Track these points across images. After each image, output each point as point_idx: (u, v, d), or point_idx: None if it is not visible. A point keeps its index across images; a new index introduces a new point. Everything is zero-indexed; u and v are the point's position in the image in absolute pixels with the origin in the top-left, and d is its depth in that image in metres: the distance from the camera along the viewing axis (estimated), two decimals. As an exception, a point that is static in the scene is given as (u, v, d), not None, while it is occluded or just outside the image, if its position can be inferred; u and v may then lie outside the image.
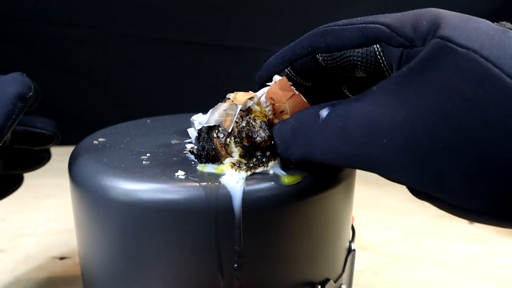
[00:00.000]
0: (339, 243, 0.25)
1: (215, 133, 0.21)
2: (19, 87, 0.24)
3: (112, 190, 0.21)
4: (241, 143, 0.21)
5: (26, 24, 0.70)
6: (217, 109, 0.21)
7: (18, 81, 0.24)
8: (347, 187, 0.24)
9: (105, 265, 0.23)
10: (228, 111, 0.21)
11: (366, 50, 0.19)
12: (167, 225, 0.20)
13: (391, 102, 0.17)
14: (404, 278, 0.36)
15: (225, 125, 0.21)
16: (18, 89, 0.23)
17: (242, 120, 0.21)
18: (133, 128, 0.30)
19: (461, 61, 0.15)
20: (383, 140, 0.17)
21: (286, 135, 0.21)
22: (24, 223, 0.44)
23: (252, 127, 0.21)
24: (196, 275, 0.20)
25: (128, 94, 0.77)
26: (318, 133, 0.19)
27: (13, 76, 0.24)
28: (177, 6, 0.74)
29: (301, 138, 0.20)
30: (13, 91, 0.23)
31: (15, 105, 0.23)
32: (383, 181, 0.19)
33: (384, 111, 0.17)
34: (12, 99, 0.23)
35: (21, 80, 0.24)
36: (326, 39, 0.20)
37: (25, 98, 0.24)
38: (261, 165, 0.21)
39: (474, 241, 0.43)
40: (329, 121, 0.19)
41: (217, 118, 0.21)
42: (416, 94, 0.16)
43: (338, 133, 0.18)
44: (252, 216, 0.20)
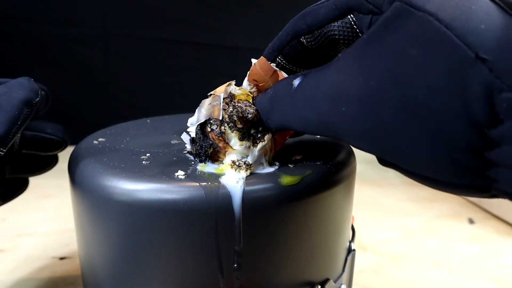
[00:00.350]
0: (339, 243, 0.25)
1: (208, 127, 0.22)
2: (25, 92, 0.23)
3: (112, 190, 0.21)
4: (236, 127, 0.22)
5: (27, 24, 0.70)
6: (202, 105, 0.22)
7: (25, 86, 0.23)
8: (347, 187, 0.24)
9: (105, 265, 0.23)
10: (213, 103, 0.22)
11: (342, 23, 0.19)
12: (167, 225, 0.20)
13: (351, 69, 0.17)
14: (404, 278, 0.36)
15: (215, 115, 0.22)
16: (25, 95, 0.23)
17: (229, 106, 0.22)
18: (133, 128, 0.30)
19: (415, 24, 0.15)
20: (342, 108, 0.17)
21: (265, 105, 0.22)
22: (24, 223, 0.44)
23: (239, 108, 0.22)
24: (196, 275, 0.20)
25: (128, 94, 0.77)
26: (291, 102, 0.20)
27: (20, 81, 0.24)
28: (178, 7, 0.74)
29: (277, 107, 0.21)
30: (20, 96, 0.23)
31: (20, 111, 0.23)
32: (383, 181, 0.19)
33: (345, 78, 0.17)
34: (18, 105, 0.23)
35: (28, 85, 0.24)
36: (306, 20, 0.21)
37: (32, 104, 0.23)
38: (259, 141, 0.22)
39: (474, 241, 0.43)
40: (300, 90, 0.20)
41: (205, 113, 0.22)
42: (372, 60, 0.16)
43: (307, 102, 0.19)
44: (252, 216, 0.20)
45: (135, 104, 0.76)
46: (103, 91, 0.76)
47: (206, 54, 0.77)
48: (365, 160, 0.69)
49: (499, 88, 0.13)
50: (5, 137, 0.22)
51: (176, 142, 0.27)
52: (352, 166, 0.25)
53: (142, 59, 0.76)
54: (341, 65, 0.18)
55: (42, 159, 0.31)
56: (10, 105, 0.22)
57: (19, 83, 0.24)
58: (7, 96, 0.23)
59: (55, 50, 0.72)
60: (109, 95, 0.76)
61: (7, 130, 0.22)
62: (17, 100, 0.23)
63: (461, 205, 0.53)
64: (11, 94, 0.23)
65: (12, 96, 0.23)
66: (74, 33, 0.72)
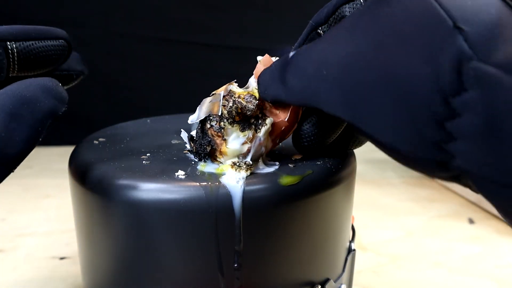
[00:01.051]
0: (339, 243, 0.25)
1: (208, 124, 0.22)
2: (51, 102, 0.18)
3: (112, 190, 0.21)
4: (234, 121, 0.22)
5: (29, 24, 0.70)
6: (203, 104, 0.22)
7: (51, 93, 0.19)
8: (347, 187, 0.24)
9: (105, 265, 0.23)
10: (213, 101, 0.22)
11: (353, 4, 0.20)
12: (167, 225, 0.20)
13: (341, 38, 0.18)
14: (404, 278, 0.36)
15: (214, 111, 0.22)
16: (51, 106, 0.18)
17: (228, 102, 0.22)
18: (133, 128, 0.30)
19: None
20: (323, 71, 0.18)
21: (265, 78, 0.22)
22: (24, 223, 0.44)
23: (239, 103, 0.22)
24: (196, 275, 0.20)
25: (128, 93, 0.77)
26: (283, 72, 0.20)
27: (46, 84, 0.19)
28: (178, 7, 0.74)
29: (274, 79, 0.21)
30: (45, 107, 0.18)
31: (44, 126, 0.18)
32: (383, 181, 0.19)
33: (334, 47, 0.18)
34: (43, 119, 0.18)
35: (55, 91, 0.19)
36: (323, 11, 0.21)
37: (58, 115, 0.19)
38: (261, 126, 0.22)
39: (474, 241, 0.43)
40: (292, 59, 0.20)
41: (205, 110, 0.22)
42: (362, 31, 0.17)
43: (295, 69, 0.19)
44: (252, 216, 0.20)
45: (136, 103, 0.76)
46: (103, 91, 0.76)
47: (206, 54, 0.77)
48: (365, 160, 0.69)
49: (469, 57, 0.14)
50: (21, 157, 0.18)
51: (176, 142, 0.27)
52: (352, 166, 0.25)
53: (142, 59, 0.76)
54: (333, 35, 0.18)
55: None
56: (33, 118, 0.18)
57: (45, 87, 0.19)
58: (30, 105, 0.18)
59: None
60: (110, 95, 0.76)
61: (25, 150, 0.18)
62: (42, 112, 0.18)
63: (461, 205, 0.53)
64: (35, 104, 0.18)
65: (36, 107, 0.18)
66: (75, 33, 0.72)
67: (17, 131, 0.17)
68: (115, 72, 0.76)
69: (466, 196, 0.54)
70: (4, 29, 0.21)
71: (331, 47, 0.18)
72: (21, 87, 0.18)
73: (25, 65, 0.22)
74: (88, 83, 0.81)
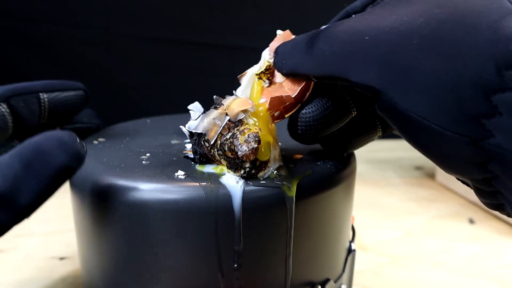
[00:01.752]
0: (339, 243, 0.25)
1: (202, 140, 0.21)
2: (66, 158, 0.18)
3: (112, 190, 0.21)
4: (224, 155, 0.20)
5: (30, 24, 0.70)
6: (207, 116, 0.21)
7: (67, 148, 0.18)
8: (347, 187, 0.24)
9: (105, 265, 0.23)
10: (216, 121, 0.20)
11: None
12: (166, 225, 0.20)
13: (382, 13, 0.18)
14: (404, 278, 0.36)
15: (210, 136, 0.20)
16: (65, 162, 0.18)
17: (229, 131, 0.20)
18: (133, 128, 0.30)
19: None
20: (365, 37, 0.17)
21: (286, 49, 0.21)
22: (24, 223, 0.44)
23: (236, 139, 0.20)
24: (196, 275, 0.20)
25: (128, 93, 0.77)
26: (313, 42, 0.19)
27: (62, 138, 0.18)
28: (179, 7, 0.74)
29: (299, 49, 0.20)
30: (58, 163, 0.18)
31: (56, 182, 0.18)
32: (384, 182, 0.19)
33: (374, 18, 0.18)
34: (55, 174, 0.18)
35: (71, 147, 0.18)
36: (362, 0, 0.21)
37: (72, 172, 0.18)
38: (250, 176, 0.20)
39: (475, 242, 0.43)
40: (327, 30, 0.19)
41: (205, 126, 0.21)
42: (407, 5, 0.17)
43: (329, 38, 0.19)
44: (252, 216, 0.20)
45: (136, 103, 0.76)
46: (104, 91, 0.76)
47: (206, 54, 0.77)
48: (365, 160, 0.69)
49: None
50: (32, 207, 0.18)
51: (176, 142, 0.27)
52: (352, 166, 0.25)
53: (142, 59, 0.76)
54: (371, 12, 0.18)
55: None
56: (45, 173, 0.18)
57: (62, 142, 0.18)
58: (43, 158, 0.18)
59: (58, 50, 0.72)
60: (110, 95, 0.76)
61: (36, 201, 0.18)
62: (55, 167, 0.18)
63: (462, 205, 0.53)
64: (49, 158, 0.18)
65: (49, 161, 0.18)
66: (76, 33, 0.72)
67: (29, 181, 0.18)
68: (115, 72, 0.76)
69: (466, 196, 0.54)
70: (37, 83, 0.25)
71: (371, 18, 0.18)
72: (40, 139, 0.18)
73: (53, 112, 0.25)
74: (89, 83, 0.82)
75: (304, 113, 0.21)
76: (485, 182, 0.17)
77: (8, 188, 0.17)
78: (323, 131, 0.22)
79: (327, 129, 0.22)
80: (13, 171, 0.17)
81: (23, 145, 0.18)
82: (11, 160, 0.18)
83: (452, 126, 0.15)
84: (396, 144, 0.80)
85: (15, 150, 0.18)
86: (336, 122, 0.22)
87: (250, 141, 0.19)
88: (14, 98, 0.23)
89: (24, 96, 0.24)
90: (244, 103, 0.21)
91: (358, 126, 0.23)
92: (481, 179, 0.17)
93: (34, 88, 0.24)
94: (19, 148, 0.18)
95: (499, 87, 0.14)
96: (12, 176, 0.17)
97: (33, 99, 0.24)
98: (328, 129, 0.22)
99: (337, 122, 0.22)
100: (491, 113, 0.14)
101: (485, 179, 0.16)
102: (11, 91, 0.23)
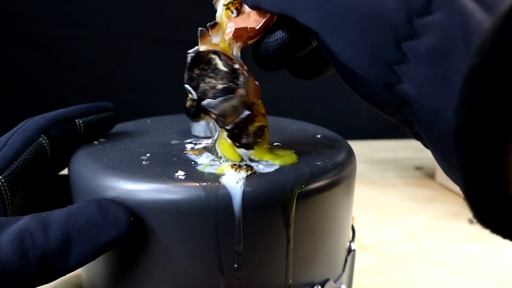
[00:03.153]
0: (339, 243, 0.25)
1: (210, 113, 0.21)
2: (115, 234, 0.19)
3: (112, 190, 0.21)
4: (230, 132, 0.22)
5: (30, 24, 0.70)
6: (227, 101, 0.21)
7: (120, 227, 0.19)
8: (347, 187, 0.24)
9: (104, 265, 0.23)
10: (236, 108, 0.21)
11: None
12: (166, 225, 0.20)
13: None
14: (404, 278, 0.36)
15: (226, 122, 0.21)
16: (113, 238, 0.19)
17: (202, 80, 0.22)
18: (133, 128, 0.30)
19: None
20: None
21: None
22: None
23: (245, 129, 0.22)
24: (196, 275, 0.20)
25: (128, 94, 0.77)
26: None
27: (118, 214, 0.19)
28: (179, 7, 0.75)
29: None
30: (106, 238, 0.19)
31: (100, 252, 0.19)
32: (383, 182, 0.19)
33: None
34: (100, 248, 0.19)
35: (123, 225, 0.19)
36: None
37: (117, 246, 0.20)
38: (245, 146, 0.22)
39: (475, 242, 0.43)
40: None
41: (223, 109, 0.21)
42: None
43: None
44: (252, 216, 0.20)
45: (135, 103, 0.76)
46: (104, 91, 0.76)
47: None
48: (365, 160, 0.69)
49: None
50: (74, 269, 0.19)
51: (176, 142, 0.27)
52: (352, 166, 0.25)
53: (142, 59, 0.76)
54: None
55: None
56: (93, 243, 0.19)
57: (115, 217, 0.19)
58: (94, 230, 0.19)
59: (58, 50, 0.72)
60: (111, 95, 0.76)
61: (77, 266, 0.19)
62: (102, 242, 0.19)
63: (461, 205, 0.52)
64: (100, 231, 0.19)
65: (100, 234, 0.19)
66: (76, 33, 0.72)
67: (78, 247, 0.19)
68: (114, 72, 0.76)
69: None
70: (72, 110, 0.26)
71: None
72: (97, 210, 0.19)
73: (87, 134, 0.26)
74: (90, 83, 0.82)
75: (266, 42, 0.22)
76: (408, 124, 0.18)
77: (58, 250, 0.18)
78: (284, 59, 0.22)
79: (287, 57, 0.22)
80: (66, 235, 0.18)
81: (79, 210, 0.19)
82: (66, 222, 0.19)
83: (370, 72, 0.16)
84: (396, 144, 0.80)
85: (70, 212, 0.19)
86: (296, 51, 0.22)
87: (258, 134, 0.22)
88: (53, 128, 0.24)
89: (62, 124, 0.25)
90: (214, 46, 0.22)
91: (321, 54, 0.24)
92: (404, 121, 0.18)
93: (71, 115, 0.25)
94: (75, 211, 0.19)
95: (408, 35, 0.15)
96: (64, 239, 0.18)
97: (70, 126, 0.25)
98: (289, 57, 0.22)
99: (297, 51, 0.22)
100: (401, 60, 0.15)
101: (406, 122, 0.18)
102: (50, 121, 0.24)
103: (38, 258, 0.18)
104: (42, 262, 0.18)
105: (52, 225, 0.19)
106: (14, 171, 0.22)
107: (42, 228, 0.18)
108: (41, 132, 0.24)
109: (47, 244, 0.18)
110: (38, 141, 0.23)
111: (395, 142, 0.82)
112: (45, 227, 0.18)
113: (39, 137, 0.23)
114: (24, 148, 0.23)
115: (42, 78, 0.72)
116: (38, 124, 0.24)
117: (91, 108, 0.26)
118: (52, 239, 0.18)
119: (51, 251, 0.18)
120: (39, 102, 0.71)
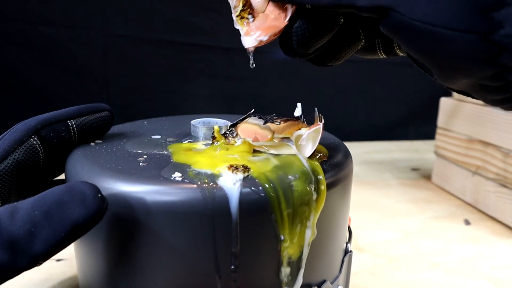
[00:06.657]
0: (336, 244, 0.25)
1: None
2: (83, 213, 0.18)
3: (109, 191, 0.21)
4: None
5: (28, 26, 0.70)
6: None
7: (86, 204, 0.19)
8: (344, 188, 0.24)
9: (102, 266, 0.23)
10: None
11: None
12: (163, 227, 0.20)
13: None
14: (401, 279, 0.37)
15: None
16: (81, 218, 0.18)
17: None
18: (130, 130, 0.30)
19: None
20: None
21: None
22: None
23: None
24: (193, 276, 0.20)
25: (127, 95, 0.77)
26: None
27: (84, 191, 0.19)
28: (176, 8, 0.75)
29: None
30: (74, 217, 0.18)
31: (70, 235, 0.18)
32: (380, 183, 0.19)
33: None
34: (69, 228, 0.18)
35: (91, 203, 0.19)
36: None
37: (88, 227, 0.19)
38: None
39: (471, 242, 0.43)
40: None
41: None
42: None
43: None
44: (249, 217, 0.20)
45: (133, 105, 0.76)
46: (102, 92, 0.76)
47: (203, 56, 0.77)
48: (362, 162, 0.69)
49: None
50: (44, 257, 0.18)
51: (172, 139, 0.27)
52: (349, 168, 0.25)
53: (141, 60, 0.76)
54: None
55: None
56: (62, 225, 0.18)
57: (82, 195, 0.19)
58: (62, 210, 0.18)
59: (55, 51, 0.72)
60: (108, 96, 0.76)
61: (48, 250, 0.18)
62: (72, 222, 0.18)
63: (457, 206, 0.53)
64: (66, 210, 0.18)
65: (66, 213, 0.18)
66: (74, 35, 0.72)
67: (46, 231, 0.18)
68: (112, 74, 0.76)
69: (462, 197, 0.54)
70: (64, 111, 0.25)
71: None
72: (63, 190, 0.19)
73: (81, 135, 0.26)
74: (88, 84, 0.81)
75: (297, 27, 0.22)
76: (495, 77, 0.17)
77: (24, 234, 0.18)
78: (316, 43, 0.22)
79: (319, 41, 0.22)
80: (32, 218, 0.18)
81: (47, 193, 0.19)
82: (33, 206, 0.18)
83: (461, 26, 0.16)
84: (393, 146, 0.80)
85: (38, 197, 0.19)
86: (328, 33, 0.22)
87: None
88: (44, 129, 0.24)
89: (53, 125, 0.24)
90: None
91: (343, 37, 0.24)
92: (490, 76, 0.17)
93: (63, 116, 0.25)
94: (43, 195, 0.19)
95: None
96: (30, 222, 0.18)
97: (62, 127, 0.25)
98: (320, 41, 0.22)
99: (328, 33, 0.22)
100: (500, 4, 0.15)
101: (495, 74, 0.17)
102: (41, 123, 0.24)
103: (5, 243, 0.17)
104: (9, 248, 0.17)
105: (20, 210, 0.18)
106: (3, 171, 0.22)
107: (10, 214, 0.18)
108: (32, 133, 0.23)
109: (13, 229, 0.17)
110: (29, 142, 0.23)
111: (392, 143, 0.82)
112: (13, 213, 0.18)
113: (29, 137, 0.23)
114: (13, 148, 0.22)
115: (39, 79, 0.72)
116: (29, 125, 0.24)
117: (84, 109, 0.26)
118: (19, 223, 0.18)
119: (17, 235, 0.17)
120: (36, 104, 0.71)
